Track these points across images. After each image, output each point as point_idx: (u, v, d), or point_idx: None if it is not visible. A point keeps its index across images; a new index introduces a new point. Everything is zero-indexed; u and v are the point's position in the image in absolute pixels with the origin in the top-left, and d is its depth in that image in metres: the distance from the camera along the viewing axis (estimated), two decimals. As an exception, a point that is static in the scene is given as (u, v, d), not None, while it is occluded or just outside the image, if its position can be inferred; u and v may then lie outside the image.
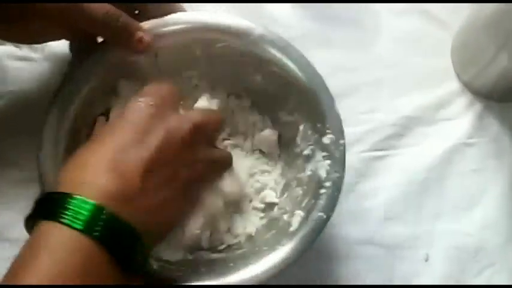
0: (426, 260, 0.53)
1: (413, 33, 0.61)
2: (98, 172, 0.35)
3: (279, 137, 0.52)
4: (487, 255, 0.54)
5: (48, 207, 0.34)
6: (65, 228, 0.33)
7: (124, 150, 0.37)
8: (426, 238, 0.54)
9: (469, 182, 0.56)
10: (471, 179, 0.56)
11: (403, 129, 0.57)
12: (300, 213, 0.45)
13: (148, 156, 0.37)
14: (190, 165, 0.40)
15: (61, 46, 0.54)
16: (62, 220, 0.33)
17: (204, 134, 0.42)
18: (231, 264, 0.43)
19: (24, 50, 0.55)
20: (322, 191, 0.45)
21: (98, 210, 0.33)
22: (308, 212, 0.45)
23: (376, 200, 0.54)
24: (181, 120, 0.40)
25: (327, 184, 0.45)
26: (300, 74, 0.48)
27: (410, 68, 0.60)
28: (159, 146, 0.37)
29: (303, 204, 0.46)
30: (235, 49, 0.49)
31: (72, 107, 0.46)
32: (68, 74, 0.47)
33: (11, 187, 0.51)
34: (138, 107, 0.40)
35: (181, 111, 0.44)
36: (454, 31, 0.61)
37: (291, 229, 0.45)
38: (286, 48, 0.48)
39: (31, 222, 0.35)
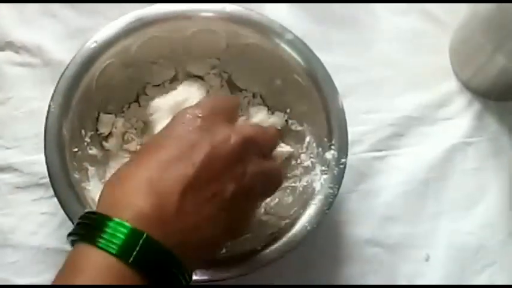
0: (427, 260, 0.53)
1: (412, 33, 0.61)
2: (135, 192, 0.34)
3: None
4: (487, 253, 0.54)
5: (86, 229, 0.33)
6: (100, 252, 0.32)
7: (165, 168, 0.35)
8: (427, 237, 0.54)
9: (469, 181, 0.56)
10: (471, 178, 0.56)
11: (402, 129, 0.57)
12: (285, 221, 0.46)
13: (190, 173, 0.35)
14: (239, 182, 0.37)
15: (60, 51, 0.55)
16: (98, 244, 0.32)
17: (256, 148, 0.39)
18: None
19: (24, 56, 0.55)
20: (313, 202, 0.45)
21: (134, 234, 0.32)
22: (294, 220, 0.45)
23: (376, 200, 0.55)
24: (229, 133, 0.37)
25: (319, 197, 0.46)
26: (320, 88, 0.48)
27: (409, 67, 0.60)
28: (202, 162, 0.35)
29: (291, 212, 0.46)
30: (264, 49, 0.50)
31: (72, 105, 0.47)
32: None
33: (12, 193, 0.51)
34: (184, 119, 0.38)
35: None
36: (452, 30, 0.61)
37: (267, 235, 0.45)
38: (311, 59, 0.49)
39: (70, 242, 0.35)
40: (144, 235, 0.32)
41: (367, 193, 0.55)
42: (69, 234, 0.35)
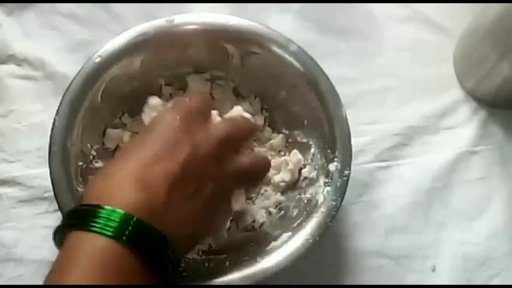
0: (433, 270, 0.53)
1: (416, 42, 0.61)
2: (125, 185, 0.36)
3: None
4: (494, 263, 0.53)
5: (78, 218, 0.35)
6: (95, 236, 0.33)
7: (150, 164, 0.37)
8: (433, 248, 0.53)
9: (475, 190, 0.56)
10: (476, 187, 0.56)
11: (407, 139, 0.57)
12: (287, 234, 0.45)
13: (174, 171, 0.37)
14: (217, 181, 0.40)
15: (62, 64, 0.55)
16: (92, 229, 0.33)
17: (230, 147, 0.42)
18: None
19: (26, 69, 0.55)
20: (315, 215, 0.45)
21: (126, 217, 0.34)
22: (296, 233, 0.45)
23: (382, 210, 0.54)
24: (206, 135, 0.40)
25: (322, 210, 0.45)
26: (323, 99, 0.48)
27: (414, 77, 0.59)
28: (185, 160, 0.37)
29: (294, 225, 0.46)
30: (268, 60, 0.50)
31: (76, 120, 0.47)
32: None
33: (15, 206, 0.51)
34: (163, 120, 0.40)
35: (217, 118, 0.44)
36: (456, 39, 0.60)
37: (269, 247, 0.45)
38: (315, 70, 0.49)
39: (60, 234, 0.35)
40: (135, 218, 0.34)
41: (372, 204, 0.54)
42: (58, 230, 0.36)
